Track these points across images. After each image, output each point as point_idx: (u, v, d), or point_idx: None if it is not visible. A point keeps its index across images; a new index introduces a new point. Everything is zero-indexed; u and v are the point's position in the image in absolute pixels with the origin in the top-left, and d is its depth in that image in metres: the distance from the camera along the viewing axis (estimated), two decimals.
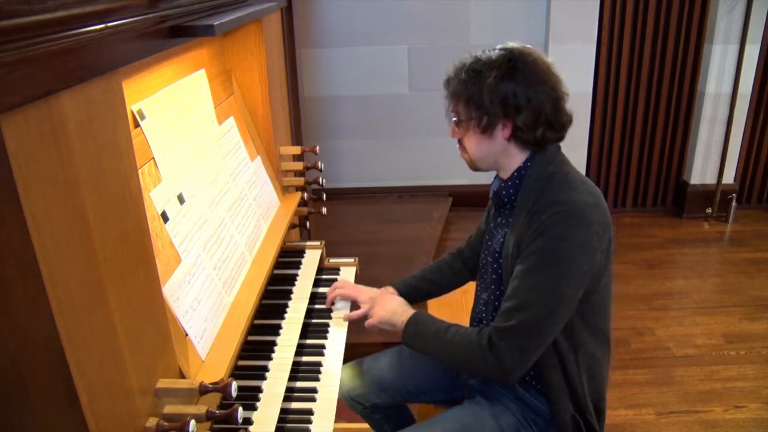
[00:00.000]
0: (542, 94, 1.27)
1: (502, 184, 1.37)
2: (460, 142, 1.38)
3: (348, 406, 1.67)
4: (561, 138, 1.35)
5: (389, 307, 1.47)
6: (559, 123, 1.31)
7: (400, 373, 1.61)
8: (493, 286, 1.41)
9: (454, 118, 1.36)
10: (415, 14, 3.64)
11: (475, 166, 1.39)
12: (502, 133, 1.30)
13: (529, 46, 1.33)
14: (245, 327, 1.32)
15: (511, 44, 1.32)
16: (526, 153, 1.33)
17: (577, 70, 3.60)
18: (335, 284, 1.68)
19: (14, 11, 0.62)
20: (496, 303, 1.37)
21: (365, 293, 1.61)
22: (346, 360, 1.52)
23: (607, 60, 3.63)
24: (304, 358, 1.47)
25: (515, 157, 1.34)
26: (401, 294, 1.61)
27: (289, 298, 1.61)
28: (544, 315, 1.23)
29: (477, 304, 1.49)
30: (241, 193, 1.60)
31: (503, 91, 1.26)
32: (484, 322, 1.42)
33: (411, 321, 1.40)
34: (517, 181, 1.34)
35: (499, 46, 1.32)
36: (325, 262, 1.89)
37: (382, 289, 1.63)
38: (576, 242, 1.22)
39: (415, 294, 1.66)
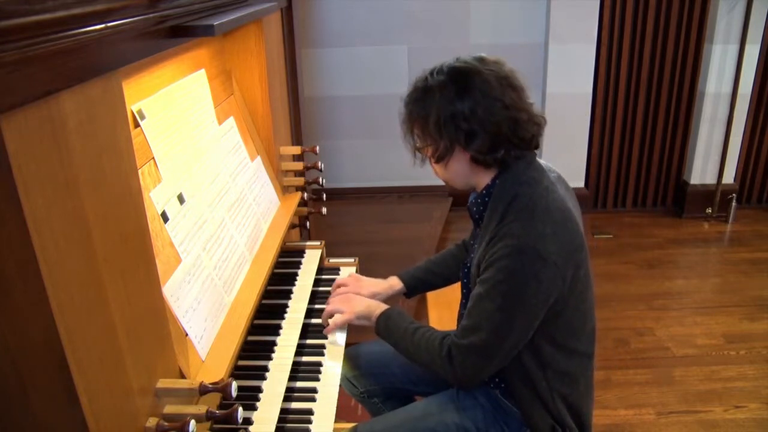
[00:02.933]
0: (496, 116, 1.20)
1: (473, 200, 1.36)
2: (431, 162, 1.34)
3: (345, 389, 1.67)
4: (530, 150, 1.29)
5: (364, 302, 1.50)
6: (522, 140, 1.25)
7: (400, 360, 1.59)
8: (463, 300, 1.44)
9: (413, 143, 1.32)
10: (415, 14, 3.64)
11: (450, 185, 1.37)
12: (463, 155, 1.26)
13: (482, 56, 1.27)
14: (245, 327, 1.32)
15: (461, 60, 1.26)
16: (495, 171, 1.29)
17: (577, 70, 3.60)
18: (337, 281, 1.67)
19: (14, 11, 0.62)
20: (463, 313, 1.37)
21: (365, 287, 1.62)
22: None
23: (607, 60, 3.63)
24: (304, 358, 1.47)
25: (484, 176, 1.30)
26: (406, 285, 1.65)
27: (289, 298, 1.61)
28: (495, 340, 1.24)
29: (459, 309, 1.48)
30: (241, 193, 1.60)
31: (453, 118, 1.21)
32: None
33: (382, 316, 1.43)
34: (486, 199, 1.31)
35: (448, 63, 1.26)
36: (325, 262, 1.89)
37: (388, 279, 1.65)
38: (526, 277, 1.18)
39: (421, 285, 1.68)
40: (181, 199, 1.26)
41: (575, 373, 1.35)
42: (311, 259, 1.81)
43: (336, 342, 1.51)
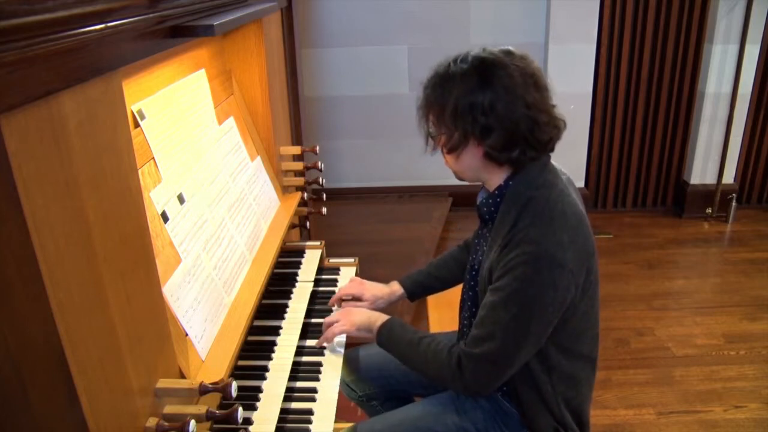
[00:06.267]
0: (515, 113, 1.16)
1: (484, 200, 1.31)
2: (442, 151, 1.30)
3: (344, 393, 1.66)
4: (545, 153, 1.26)
5: (364, 314, 1.47)
6: (539, 141, 1.21)
7: (398, 362, 1.59)
8: (469, 303, 1.40)
9: (427, 129, 1.28)
10: (415, 14, 3.64)
11: (458, 177, 1.33)
12: (476, 149, 1.22)
13: (510, 49, 1.22)
14: (245, 327, 1.32)
15: (487, 51, 1.21)
16: (508, 170, 1.25)
17: (577, 70, 3.60)
18: (340, 292, 1.66)
19: (14, 11, 0.62)
20: (472, 319, 1.34)
21: (368, 291, 1.62)
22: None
23: (607, 60, 3.63)
24: (304, 358, 1.47)
25: (496, 174, 1.26)
26: (407, 290, 1.64)
27: (289, 298, 1.61)
28: (510, 349, 1.21)
29: (462, 311, 1.46)
30: (241, 193, 1.60)
31: (470, 110, 1.16)
32: (464, 338, 1.40)
33: (384, 327, 1.40)
34: (498, 199, 1.27)
35: (474, 52, 1.21)
36: (325, 262, 1.89)
37: (390, 284, 1.65)
38: (543, 284, 1.16)
39: (422, 290, 1.67)
40: (181, 199, 1.26)
41: (579, 376, 1.35)
42: (311, 259, 1.81)
43: (334, 349, 1.49)
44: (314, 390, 1.37)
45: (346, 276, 1.81)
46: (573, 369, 1.32)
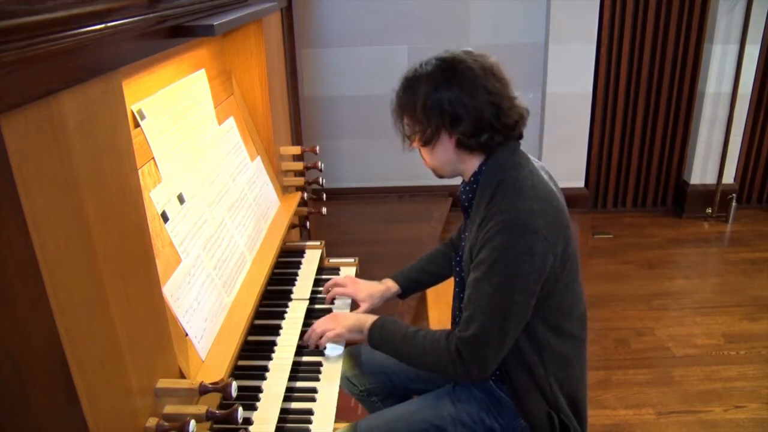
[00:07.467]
0: (479, 101, 1.26)
1: (462, 189, 1.39)
2: (420, 151, 1.39)
3: (344, 388, 1.66)
4: (513, 138, 1.34)
5: (352, 316, 1.49)
6: (504, 126, 1.29)
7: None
8: (457, 289, 1.45)
9: (402, 132, 1.38)
10: (415, 14, 3.64)
11: (438, 174, 1.41)
12: (449, 141, 1.31)
13: (469, 50, 1.33)
14: (245, 327, 1.32)
15: (448, 52, 1.32)
16: (480, 157, 1.33)
17: (577, 70, 3.60)
18: (334, 280, 1.68)
19: (14, 11, 0.62)
20: (461, 305, 1.37)
21: (363, 290, 1.63)
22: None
23: (607, 60, 3.63)
24: (304, 358, 1.47)
25: (470, 163, 1.35)
26: (401, 287, 1.66)
27: (289, 299, 1.61)
28: (498, 323, 1.25)
29: (453, 303, 1.50)
30: (241, 193, 1.60)
31: (438, 103, 1.27)
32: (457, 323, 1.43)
33: (375, 326, 1.41)
34: (474, 186, 1.35)
35: (436, 55, 1.32)
36: (325, 262, 1.89)
37: (383, 281, 1.66)
38: (520, 251, 1.22)
39: (415, 285, 1.70)
40: (181, 199, 1.26)
41: (570, 356, 1.37)
42: (311, 259, 1.81)
43: (332, 355, 1.48)
44: (314, 390, 1.37)
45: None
46: (563, 348, 1.35)
